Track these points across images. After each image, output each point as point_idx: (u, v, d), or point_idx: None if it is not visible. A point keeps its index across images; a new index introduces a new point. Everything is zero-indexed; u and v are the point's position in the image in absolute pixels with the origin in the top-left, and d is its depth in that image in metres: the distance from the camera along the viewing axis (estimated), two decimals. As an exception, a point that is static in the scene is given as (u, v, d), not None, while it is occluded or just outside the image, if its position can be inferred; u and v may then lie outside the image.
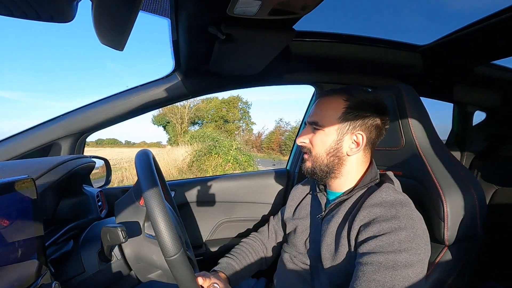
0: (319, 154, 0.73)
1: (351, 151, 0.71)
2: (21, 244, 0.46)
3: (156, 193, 0.53)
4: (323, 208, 0.77)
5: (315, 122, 0.73)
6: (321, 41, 0.97)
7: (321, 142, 0.72)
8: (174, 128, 25.44)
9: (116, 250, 0.70)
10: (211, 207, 1.33)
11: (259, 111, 40.00)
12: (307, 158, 0.76)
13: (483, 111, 1.45)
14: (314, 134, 0.73)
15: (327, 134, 0.72)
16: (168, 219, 0.52)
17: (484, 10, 0.78)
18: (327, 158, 0.72)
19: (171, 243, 0.52)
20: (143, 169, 0.58)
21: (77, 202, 0.89)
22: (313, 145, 0.73)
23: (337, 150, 0.72)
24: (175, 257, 0.52)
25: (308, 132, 0.75)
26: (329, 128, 0.71)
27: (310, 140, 0.74)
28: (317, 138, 0.73)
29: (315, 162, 0.73)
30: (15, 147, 0.98)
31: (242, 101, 25.24)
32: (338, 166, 0.73)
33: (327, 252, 0.69)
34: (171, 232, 0.52)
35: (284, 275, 0.81)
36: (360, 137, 0.71)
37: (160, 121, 26.94)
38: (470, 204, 0.71)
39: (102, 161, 1.17)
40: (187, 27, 0.73)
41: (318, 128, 0.73)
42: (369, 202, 0.66)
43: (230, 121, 25.26)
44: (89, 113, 1.06)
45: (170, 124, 26.24)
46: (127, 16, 0.47)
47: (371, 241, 0.60)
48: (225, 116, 25.12)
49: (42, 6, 0.41)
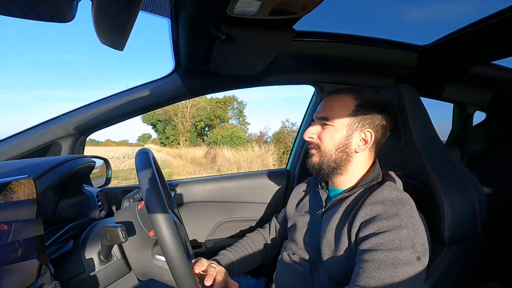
0: (328, 149, 0.73)
1: (359, 148, 0.73)
2: (21, 243, 0.46)
3: (172, 233, 0.53)
4: (324, 205, 0.78)
5: (325, 118, 0.74)
6: (321, 41, 0.97)
7: (330, 137, 0.73)
8: (175, 127, 25.20)
9: (116, 250, 0.69)
10: (211, 207, 1.33)
11: (263, 110, 40.00)
12: (314, 153, 0.76)
13: (483, 111, 1.45)
14: (323, 129, 0.74)
15: (336, 130, 0.73)
16: (186, 262, 0.54)
17: (484, 10, 0.78)
18: (335, 154, 0.73)
19: (189, 282, 0.54)
20: (152, 198, 0.55)
21: (77, 202, 0.89)
22: (322, 140, 0.74)
23: (346, 146, 0.73)
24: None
25: (316, 128, 0.76)
26: (339, 124, 0.73)
27: (318, 136, 0.75)
28: (327, 133, 0.73)
29: (323, 157, 0.74)
30: (15, 147, 0.98)
31: (237, 101, 25.57)
32: (345, 162, 0.73)
33: (327, 248, 0.69)
34: (189, 274, 0.54)
35: (283, 274, 0.81)
36: (368, 135, 0.73)
37: (150, 119, 26.61)
38: (470, 204, 0.71)
39: (102, 161, 1.17)
40: (187, 27, 0.73)
41: (328, 124, 0.73)
42: (371, 199, 0.66)
43: (225, 120, 25.43)
44: (89, 113, 1.06)
45: (166, 123, 25.90)
46: (127, 16, 0.47)
47: (371, 238, 0.60)
48: (221, 116, 25.24)
49: (42, 6, 0.41)
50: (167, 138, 26.25)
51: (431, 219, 0.72)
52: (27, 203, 0.48)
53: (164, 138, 26.72)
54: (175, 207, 0.90)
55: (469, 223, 0.71)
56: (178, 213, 0.90)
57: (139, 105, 1.08)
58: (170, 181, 1.31)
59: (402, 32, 1.02)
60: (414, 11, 1.31)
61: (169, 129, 25.74)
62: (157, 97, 1.09)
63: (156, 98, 1.09)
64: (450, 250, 0.71)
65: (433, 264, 0.70)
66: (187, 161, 14.90)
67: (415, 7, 1.31)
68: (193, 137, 25.52)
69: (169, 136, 25.95)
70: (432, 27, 1.02)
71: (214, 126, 24.83)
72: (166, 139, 26.35)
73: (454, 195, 0.71)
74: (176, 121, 25.06)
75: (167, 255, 0.53)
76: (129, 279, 0.73)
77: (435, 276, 0.70)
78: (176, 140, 25.46)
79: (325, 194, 0.80)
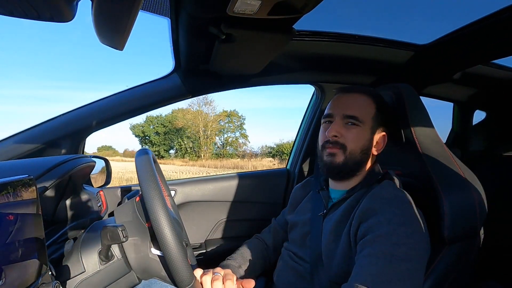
0: (354, 150, 0.71)
1: (376, 151, 0.73)
2: (21, 243, 0.46)
3: (168, 223, 0.53)
4: (325, 206, 0.77)
5: (355, 117, 0.71)
6: (321, 41, 0.97)
7: (357, 138, 0.71)
8: (193, 138, 26.87)
9: (117, 250, 0.69)
10: (211, 207, 1.33)
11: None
12: (337, 152, 0.71)
13: (483, 111, 1.45)
14: (349, 129, 0.71)
15: (363, 130, 0.71)
16: (183, 251, 0.53)
17: (484, 10, 0.78)
18: (360, 155, 0.71)
19: (186, 274, 0.53)
20: (149, 187, 0.55)
21: (77, 202, 0.89)
22: (348, 140, 0.71)
23: (369, 148, 0.72)
24: (189, 286, 0.54)
25: (339, 126, 0.71)
26: (366, 124, 0.71)
27: (343, 134, 0.71)
28: (354, 133, 0.71)
29: (348, 158, 0.70)
30: (15, 147, 0.98)
31: (238, 115, 27.96)
32: (364, 164, 0.73)
33: (328, 249, 0.69)
34: (185, 264, 0.53)
35: (283, 274, 0.81)
36: (384, 138, 0.74)
37: (145, 131, 27.43)
38: (469, 204, 0.71)
39: (102, 161, 1.17)
40: (187, 26, 0.73)
41: (356, 123, 0.71)
42: (369, 198, 0.66)
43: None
44: (89, 113, 1.06)
45: (179, 136, 26.98)
46: (127, 16, 0.47)
47: (369, 236, 0.60)
48: (228, 129, 28.02)
49: (42, 6, 0.41)
50: (179, 150, 27.73)
51: (430, 218, 0.72)
52: (27, 203, 0.48)
53: (162, 150, 27.87)
54: (175, 207, 0.90)
55: (469, 222, 0.71)
56: (177, 213, 0.90)
57: (139, 105, 1.08)
58: (170, 181, 1.31)
59: (402, 31, 1.02)
60: (414, 10, 1.31)
61: (185, 142, 27.28)
62: (157, 97, 1.09)
63: (156, 98, 1.09)
64: (450, 249, 0.71)
65: (433, 263, 0.70)
66: (240, 169, 16.15)
67: (415, 6, 1.31)
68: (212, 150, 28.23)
69: (179, 149, 27.54)
70: (432, 26, 1.02)
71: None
72: (179, 151, 27.81)
73: (454, 194, 0.71)
74: (198, 135, 27.29)
75: (163, 242, 0.53)
76: (129, 279, 0.73)
77: (435, 275, 0.70)
78: (196, 154, 27.29)
79: (326, 196, 0.79)
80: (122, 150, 32.06)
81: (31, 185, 0.48)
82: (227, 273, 0.63)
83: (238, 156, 28.03)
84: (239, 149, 28.48)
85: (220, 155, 27.72)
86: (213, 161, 25.20)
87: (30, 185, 0.48)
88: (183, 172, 16.66)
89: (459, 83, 1.25)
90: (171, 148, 28.53)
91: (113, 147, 31.99)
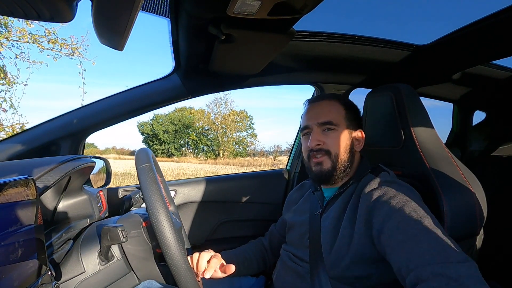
0: (339, 153, 0.74)
1: (358, 147, 0.78)
2: (21, 244, 0.46)
3: (179, 250, 0.54)
4: (321, 205, 0.79)
5: (329, 122, 0.74)
6: (321, 41, 0.97)
7: (338, 140, 0.74)
8: (215, 138, 27.75)
9: (116, 250, 0.70)
10: (211, 207, 1.33)
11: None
12: (324, 159, 0.74)
13: (483, 111, 1.45)
14: (327, 135, 0.75)
15: (341, 132, 0.75)
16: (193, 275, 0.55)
17: (484, 10, 0.78)
18: (345, 156, 0.75)
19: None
20: (159, 218, 0.55)
21: (77, 202, 0.89)
22: (330, 145, 0.74)
23: (351, 146, 0.76)
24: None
25: (318, 134, 0.75)
26: (342, 126, 0.75)
27: (324, 141, 0.74)
28: (333, 137, 0.74)
29: (336, 162, 0.74)
30: (15, 147, 0.98)
31: (246, 115, 29.23)
32: (351, 162, 0.76)
33: (328, 247, 0.69)
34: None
35: (283, 274, 0.81)
36: (360, 134, 0.79)
37: (155, 128, 27.89)
38: (469, 204, 0.71)
39: (102, 161, 1.17)
40: (187, 27, 0.73)
41: (332, 128, 0.74)
42: (369, 187, 0.69)
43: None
44: (89, 113, 1.06)
45: (197, 134, 27.77)
46: (127, 16, 0.47)
47: (389, 222, 0.59)
48: (239, 128, 29.31)
49: (42, 6, 0.41)
50: (193, 149, 28.78)
51: (431, 218, 0.72)
52: (27, 203, 0.48)
53: (173, 148, 28.46)
54: (175, 207, 0.90)
55: (468, 222, 0.71)
56: (177, 213, 0.90)
57: (139, 105, 1.08)
58: (170, 181, 1.31)
59: (401, 32, 1.02)
60: (413, 11, 1.31)
61: (203, 141, 28.28)
62: (157, 97, 1.09)
63: (156, 98, 1.09)
64: None
65: None
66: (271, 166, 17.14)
67: (415, 7, 1.31)
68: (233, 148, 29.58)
69: (194, 147, 28.48)
70: (432, 27, 1.02)
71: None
72: (196, 150, 29.09)
73: (454, 195, 0.71)
74: (219, 134, 28.52)
75: (177, 278, 0.54)
76: (129, 279, 0.73)
77: None
78: (215, 154, 28.31)
79: (320, 195, 0.81)
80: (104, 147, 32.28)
81: (31, 185, 0.48)
82: (215, 254, 0.74)
83: (248, 154, 28.99)
84: (248, 148, 29.58)
85: (238, 154, 28.61)
86: (231, 159, 26.12)
87: (30, 185, 0.48)
88: (209, 171, 17.05)
89: (458, 83, 1.25)
90: (182, 146, 28.91)
91: (94, 144, 32.24)
